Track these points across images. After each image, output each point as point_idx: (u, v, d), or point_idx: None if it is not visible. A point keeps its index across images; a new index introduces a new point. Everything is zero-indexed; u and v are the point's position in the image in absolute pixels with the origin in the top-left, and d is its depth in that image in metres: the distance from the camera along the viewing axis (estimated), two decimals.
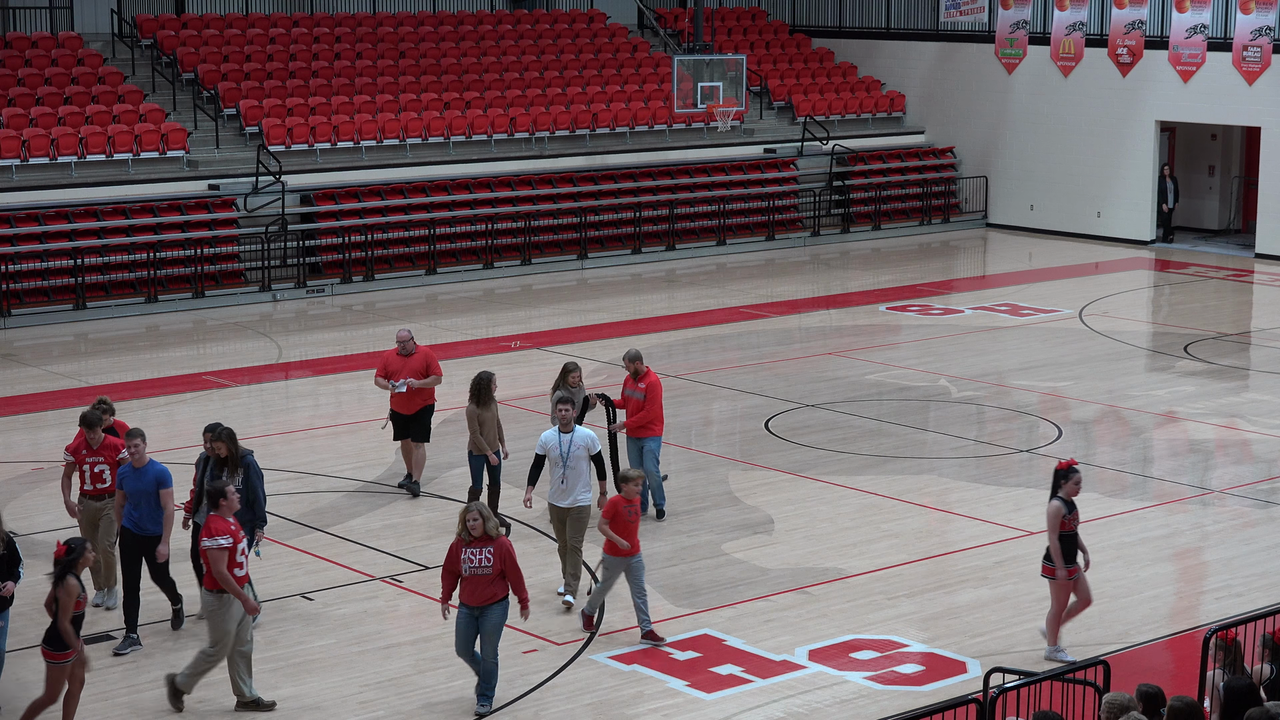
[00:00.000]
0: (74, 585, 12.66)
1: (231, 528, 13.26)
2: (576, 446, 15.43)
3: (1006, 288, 32.26)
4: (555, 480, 15.46)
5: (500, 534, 13.09)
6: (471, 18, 38.80)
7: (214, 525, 13.20)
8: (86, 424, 15.37)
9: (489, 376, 17.66)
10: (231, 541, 13.16)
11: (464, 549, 13.02)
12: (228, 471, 14.63)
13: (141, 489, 14.51)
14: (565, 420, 15.53)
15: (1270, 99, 34.55)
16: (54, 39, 33.72)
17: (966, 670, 14.12)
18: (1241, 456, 20.85)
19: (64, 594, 12.68)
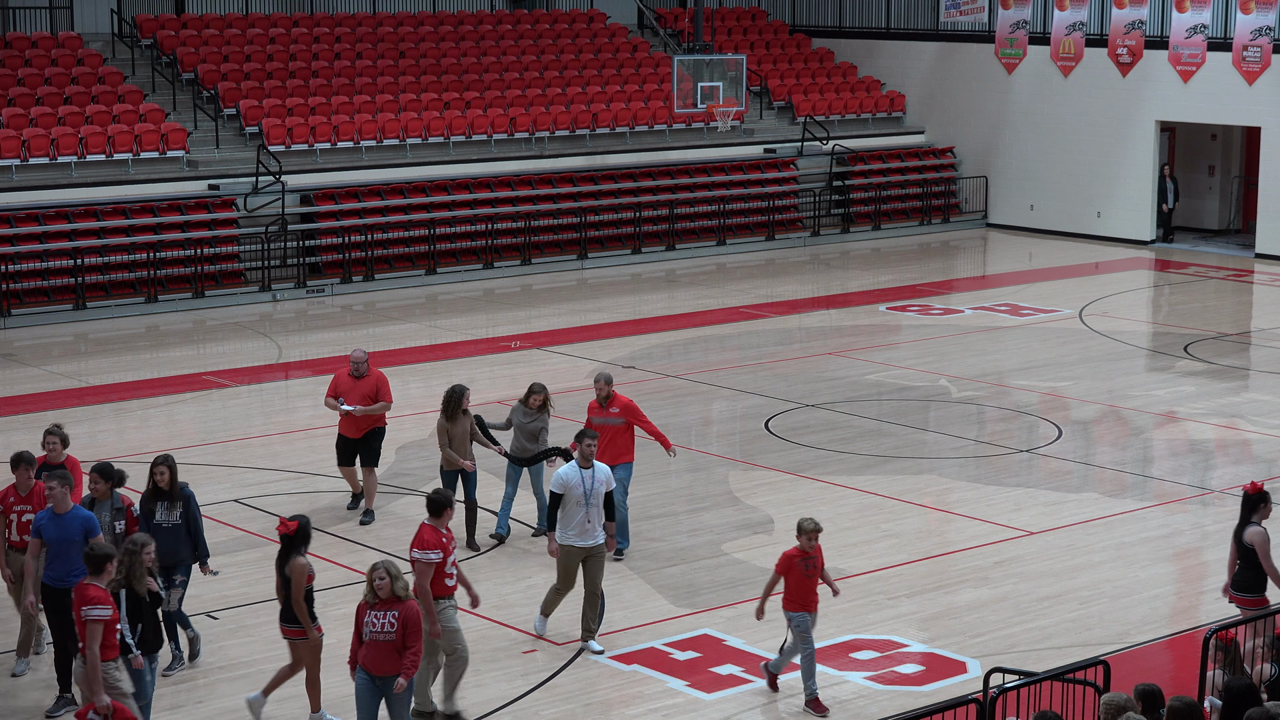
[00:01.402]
0: (303, 562, 12.91)
1: (443, 539, 12.85)
2: (598, 483, 14.45)
3: (1006, 288, 32.26)
4: (576, 520, 14.37)
5: (409, 596, 11.89)
6: (471, 18, 38.80)
7: (426, 537, 12.82)
8: (14, 463, 14.06)
9: (461, 391, 17.10)
10: (441, 556, 12.77)
11: (368, 611, 11.88)
12: (165, 503, 13.91)
13: (66, 538, 13.04)
14: (586, 456, 14.51)
15: (1270, 99, 34.55)
16: (54, 39, 33.71)
17: (966, 670, 14.12)
18: (1241, 456, 20.86)
19: (295, 572, 12.93)
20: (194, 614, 15.36)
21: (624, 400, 16.95)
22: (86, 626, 11.61)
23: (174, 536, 13.92)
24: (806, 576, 13.23)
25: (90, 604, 11.65)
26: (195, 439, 21.51)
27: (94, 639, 11.60)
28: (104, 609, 11.67)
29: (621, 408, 16.84)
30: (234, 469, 20.10)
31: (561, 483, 14.43)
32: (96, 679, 11.57)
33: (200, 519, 14.18)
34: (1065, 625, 15.13)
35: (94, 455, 20.59)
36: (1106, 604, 15.67)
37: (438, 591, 12.86)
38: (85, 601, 11.67)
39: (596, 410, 16.94)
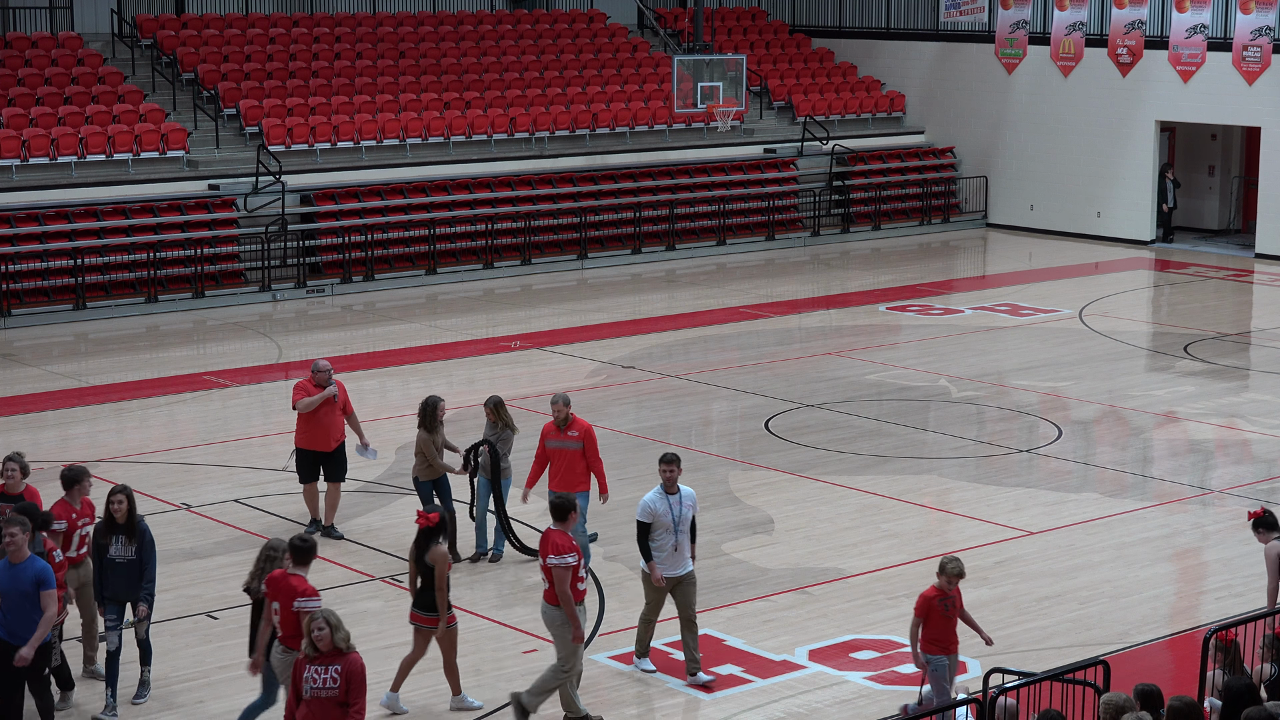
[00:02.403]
0: (443, 550, 13.03)
1: (575, 544, 12.75)
2: (686, 508, 13.86)
3: (1006, 288, 32.26)
4: (665, 547, 13.76)
5: (352, 649, 10.76)
6: (471, 18, 38.80)
7: (559, 541, 12.71)
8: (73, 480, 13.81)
9: (436, 401, 16.65)
10: (576, 559, 12.67)
11: (307, 666, 10.72)
12: (123, 537, 13.19)
13: (17, 589, 12.10)
14: (671, 481, 13.86)
15: (1270, 99, 34.55)
16: (54, 39, 33.71)
17: (966, 670, 14.12)
18: (1241, 456, 20.86)
19: (438, 560, 12.98)
20: (194, 614, 15.40)
21: (583, 425, 16.00)
22: (301, 617, 11.75)
23: (129, 571, 13.16)
24: (946, 617, 12.70)
25: (303, 596, 11.91)
26: (195, 439, 21.51)
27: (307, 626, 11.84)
28: (315, 600, 11.84)
29: (581, 432, 15.88)
30: (234, 469, 20.10)
31: (648, 511, 13.75)
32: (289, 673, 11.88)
33: (154, 558, 13.31)
34: (1065, 625, 15.13)
35: (94, 455, 20.62)
36: (1106, 604, 15.68)
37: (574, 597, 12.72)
38: (296, 594, 11.91)
39: (552, 433, 15.95)
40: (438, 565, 13.04)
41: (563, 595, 12.64)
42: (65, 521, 13.54)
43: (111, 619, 13.23)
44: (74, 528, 13.60)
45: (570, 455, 15.82)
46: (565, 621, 12.73)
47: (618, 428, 21.83)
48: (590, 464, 15.84)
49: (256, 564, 12.48)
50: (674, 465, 13.87)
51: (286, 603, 11.94)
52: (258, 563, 12.47)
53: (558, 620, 12.78)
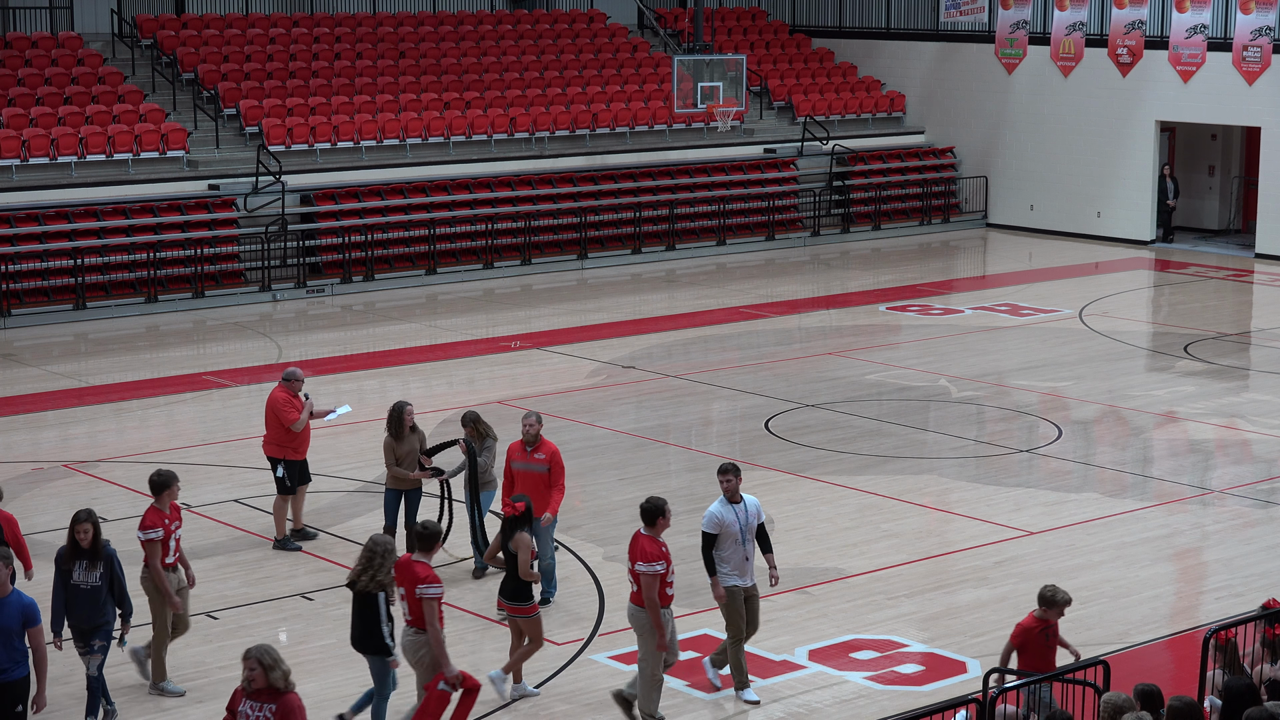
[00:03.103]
0: (527, 538, 13.26)
1: (663, 551, 12.64)
2: (751, 517, 13.50)
3: (1006, 288, 32.26)
4: (735, 559, 13.43)
5: (290, 687, 10.17)
6: (471, 18, 38.80)
7: (648, 548, 12.66)
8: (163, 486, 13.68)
9: (402, 407, 16.24)
10: (664, 566, 12.60)
11: (243, 699, 10.28)
12: (86, 563, 12.80)
13: (3, 626, 11.60)
14: (732, 490, 13.50)
15: (1270, 99, 34.55)
16: (54, 39, 33.71)
17: (966, 670, 14.13)
18: (1241, 456, 20.86)
19: (521, 547, 13.18)
20: (194, 614, 15.36)
21: (551, 448, 15.31)
22: (424, 604, 12.01)
23: (93, 599, 12.81)
24: (1047, 646, 12.25)
25: (424, 583, 12.04)
26: (195, 439, 21.51)
27: (433, 615, 12.05)
28: (438, 587, 12.03)
29: (548, 455, 15.23)
30: (234, 469, 20.10)
31: (715, 522, 13.40)
32: (443, 652, 12.07)
33: (124, 579, 13.04)
34: (1065, 625, 15.05)
35: (94, 455, 20.64)
36: (1106, 604, 15.68)
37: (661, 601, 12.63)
38: (419, 580, 12.06)
39: (518, 453, 15.27)
40: (520, 553, 13.26)
41: (649, 602, 12.56)
42: (160, 529, 13.44)
43: (81, 646, 12.94)
44: (169, 534, 13.50)
45: (535, 479, 15.14)
46: (650, 626, 12.67)
47: (618, 428, 21.84)
48: (551, 488, 15.17)
49: (360, 560, 12.46)
50: (731, 475, 13.45)
51: (410, 588, 12.13)
52: (362, 559, 12.45)
53: (642, 622, 12.74)
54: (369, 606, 12.39)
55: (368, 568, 12.35)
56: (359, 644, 12.59)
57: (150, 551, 13.37)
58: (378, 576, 12.31)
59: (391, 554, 12.37)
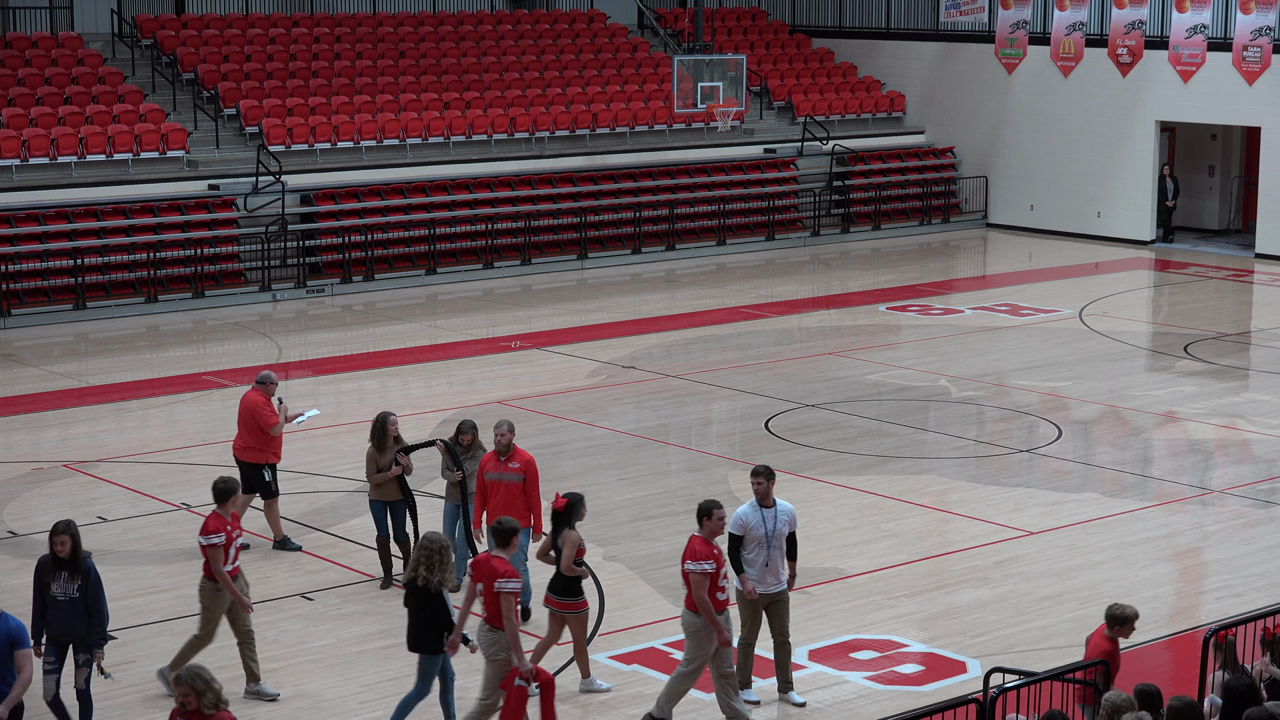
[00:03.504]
0: (575, 535, 13.29)
1: (714, 553, 12.54)
2: (781, 523, 13.32)
3: (1006, 288, 32.26)
4: (755, 562, 13.26)
5: (222, 706, 9.88)
6: (471, 18, 38.80)
7: (698, 548, 12.55)
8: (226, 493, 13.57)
9: (384, 418, 15.88)
10: (714, 567, 12.49)
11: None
12: (65, 574, 12.49)
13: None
14: (764, 494, 13.30)
15: (1270, 99, 34.55)
16: (54, 39, 33.71)
17: (966, 670, 14.12)
18: (1241, 456, 20.86)
19: (567, 544, 13.24)
20: (194, 614, 15.35)
21: (525, 456, 14.77)
22: (502, 598, 11.98)
23: (72, 611, 12.47)
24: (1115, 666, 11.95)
25: (503, 577, 12.04)
26: (195, 439, 21.51)
27: (510, 610, 12.03)
28: (516, 582, 12.05)
29: (522, 464, 14.67)
30: (234, 469, 20.08)
31: (740, 524, 13.24)
32: (518, 647, 12.08)
33: (102, 595, 12.57)
34: (1065, 625, 15.12)
35: (94, 455, 20.64)
36: (1106, 604, 15.64)
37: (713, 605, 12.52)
38: (497, 575, 12.06)
39: (491, 463, 14.71)
40: (565, 549, 13.32)
41: (700, 601, 12.47)
42: (223, 534, 13.31)
43: (50, 661, 12.53)
44: (230, 540, 13.38)
45: (509, 488, 14.63)
46: (703, 628, 12.54)
47: (618, 428, 21.84)
48: (529, 499, 14.67)
49: (418, 559, 12.42)
50: (763, 478, 13.24)
51: (489, 584, 12.15)
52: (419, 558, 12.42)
53: (695, 627, 12.62)
54: (433, 604, 12.39)
55: (428, 566, 12.34)
56: (415, 644, 12.56)
57: (213, 556, 13.23)
58: (439, 574, 12.35)
59: (449, 550, 12.38)
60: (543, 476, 19.57)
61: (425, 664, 12.56)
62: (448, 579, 12.39)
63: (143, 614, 15.39)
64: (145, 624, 15.13)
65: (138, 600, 15.77)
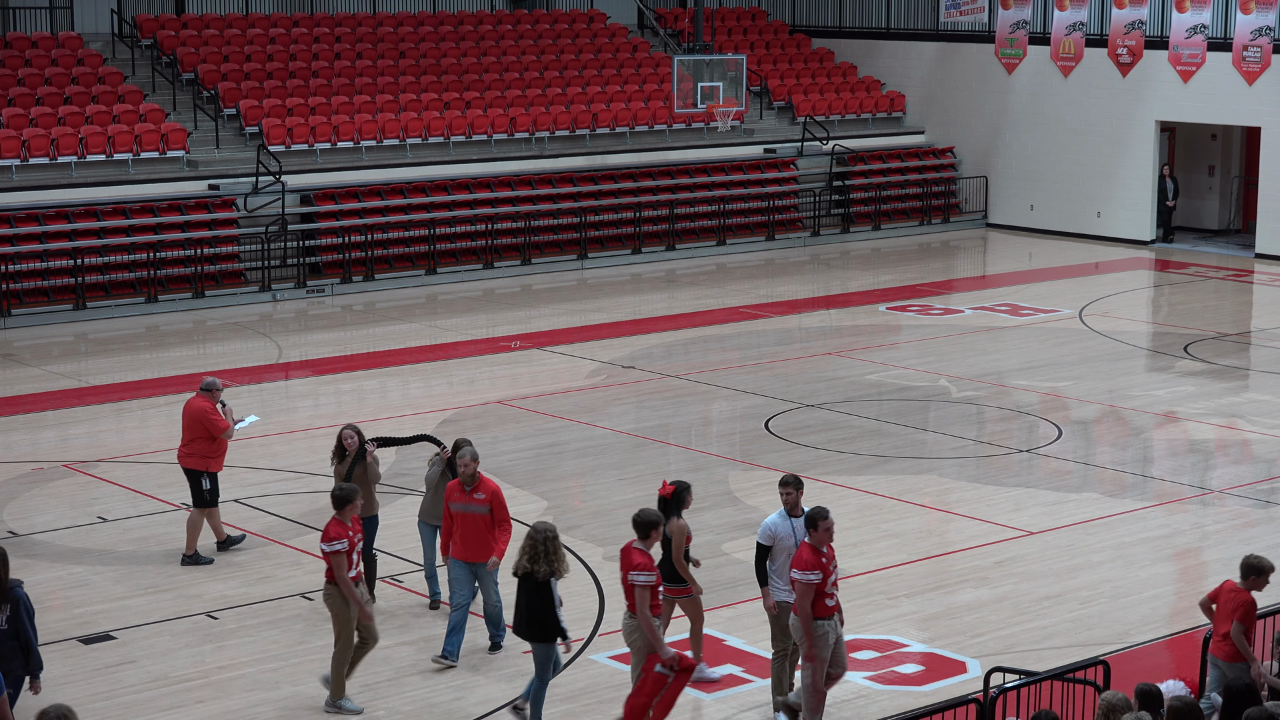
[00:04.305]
0: (682, 524, 13.33)
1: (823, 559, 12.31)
2: None
3: (1006, 288, 32.26)
4: (783, 572, 12.94)
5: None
6: (471, 18, 38.80)
7: (806, 557, 12.34)
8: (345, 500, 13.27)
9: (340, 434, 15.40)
10: (821, 576, 12.24)
11: None
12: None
13: None
14: (793, 504, 13.05)
15: (1270, 99, 34.55)
16: (54, 39, 33.71)
17: (966, 670, 14.12)
18: (1241, 456, 20.86)
19: (675, 533, 13.29)
20: (194, 614, 15.40)
21: (491, 486, 14.10)
22: (636, 591, 12.10)
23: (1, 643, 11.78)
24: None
25: (636, 569, 12.13)
26: None
27: (644, 602, 12.10)
28: (650, 574, 12.13)
29: (488, 495, 14.01)
30: (234, 469, 20.08)
31: (769, 534, 13.01)
32: (656, 638, 12.14)
33: (32, 627, 11.95)
34: (1065, 625, 15.13)
35: (94, 455, 20.64)
36: (1106, 604, 15.68)
37: (818, 613, 12.37)
38: (633, 567, 12.17)
39: (456, 493, 14.03)
40: (674, 538, 13.37)
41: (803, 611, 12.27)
42: (345, 540, 13.11)
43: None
44: (352, 546, 13.20)
45: (476, 521, 13.98)
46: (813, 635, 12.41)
47: (618, 428, 21.85)
48: (496, 529, 14.03)
49: (525, 549, 12.52)
50: (792, 488, 13.03)
51: (624, 574, 12.27)
52: (526, 548, 12.52)
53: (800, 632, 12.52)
54: (541, 594, 12.47)
55: (536, 555, 12.45)
56: (527, 632, 12.64)
57: (336, 564, 13.05)
58: (547, 563, 12.44)
59: (556, 538, 12.49)
60: (542, 477, 19.67)
61: (538, 653, 12.69)
62: (557, 568, 12.47)
63: (143, 614, 15.39)
64: (145, 624, 15.13)
65: (138, 600, 15.78)
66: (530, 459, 20.46)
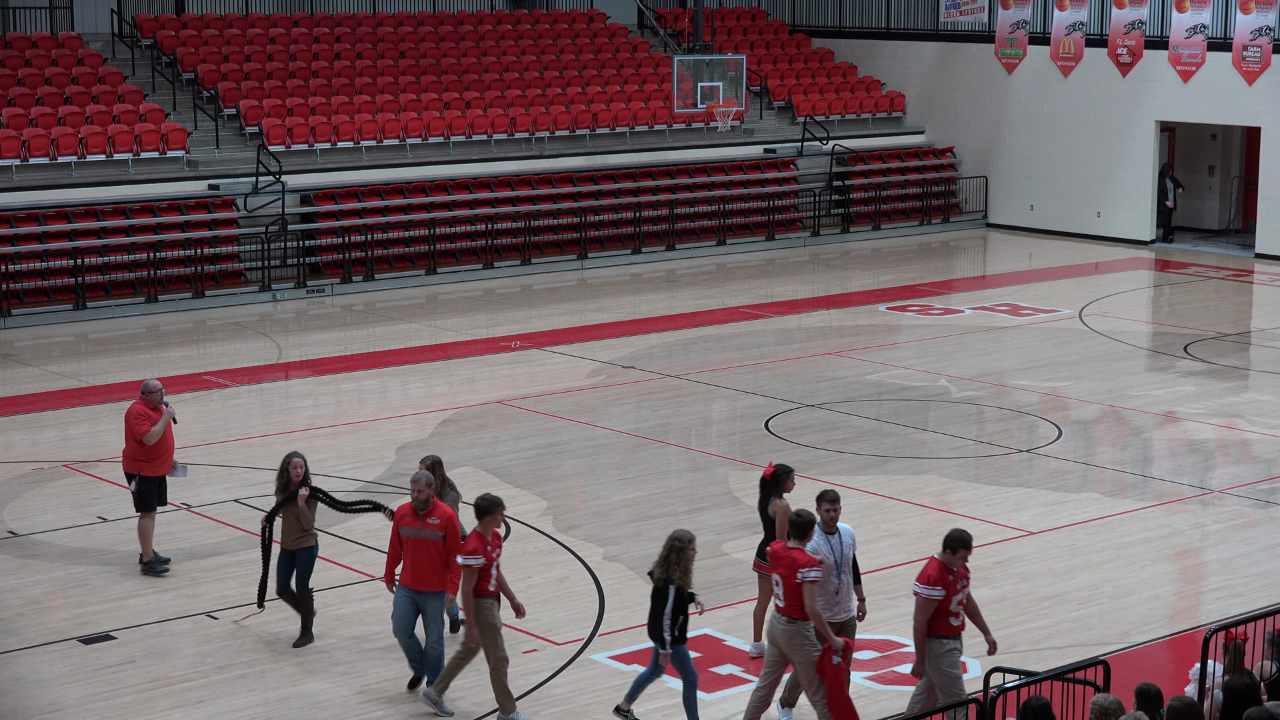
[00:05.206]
0: (783, 504, 13.52)
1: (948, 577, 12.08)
2: (846, 548, 12.89)
3: (1006, 288, 32.26)
4: (828, 591, 12.75)
5: None
6: (471, 18, 38.80)
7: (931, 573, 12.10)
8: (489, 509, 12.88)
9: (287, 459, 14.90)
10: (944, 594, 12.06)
11: None
12: None
13: None
14: (833, 521, 12.84)
15: (1270, 99, 34.56)
16: (54, 39, 33.71)
17: (966, 670, 14.11)
18: (1241, 456, 20.86)
19: (779, 513, 13.45)
20: (194, 614, 15.40)
21: (446, 512, 13.42)
22: (804, 588, 12.09)
23: None
24: None
25: (805, 567, 12.15)
26: (195, 439, 21.49)
27: (811, 597, 12.10)
28: (817, 570, 12.16)
29: (443, 521, 13.33)
30: (234, 469, 20.10)
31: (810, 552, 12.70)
32: (824, 627, 12.13)
33: None
34: (1065, 625, 15.13)
35: (94, 455, 20.63)
36: (1106, 604, 15.68)
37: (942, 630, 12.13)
38: (798, 565, 12.18)
39: (408, 518, 13.39)
40: (778, 518, 13.51)
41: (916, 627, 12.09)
42: (482, 555, 12.81)
43: None
44: (490, 561, 12.86)
45: (428, 547, 13.29)
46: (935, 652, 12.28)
47: (618, 428, 21.85)
48: (450, 557, 13.29)
49: (662, 554, 12.59)
50: (834, 504, 12.82)
51: (788, 575, 12.17)
52: (663, 552, 12.59)
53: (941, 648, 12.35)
54: (656, 597, 12.62)
55: (662, 563, 12.57)
56: (650, 633, 12.79)
57: (467, 577, 12.72)
58: (662, 568, 12.54)
59: (684, 549, 12.51)
60: (542, 477, 19.69)
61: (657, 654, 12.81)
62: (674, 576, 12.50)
63: (143, 614, 15.40)
64: (145, 624, 15.13)
65: (137, 601, 15.78)
66: (530, 459, 20.46)
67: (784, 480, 13.89)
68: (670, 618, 12.60)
